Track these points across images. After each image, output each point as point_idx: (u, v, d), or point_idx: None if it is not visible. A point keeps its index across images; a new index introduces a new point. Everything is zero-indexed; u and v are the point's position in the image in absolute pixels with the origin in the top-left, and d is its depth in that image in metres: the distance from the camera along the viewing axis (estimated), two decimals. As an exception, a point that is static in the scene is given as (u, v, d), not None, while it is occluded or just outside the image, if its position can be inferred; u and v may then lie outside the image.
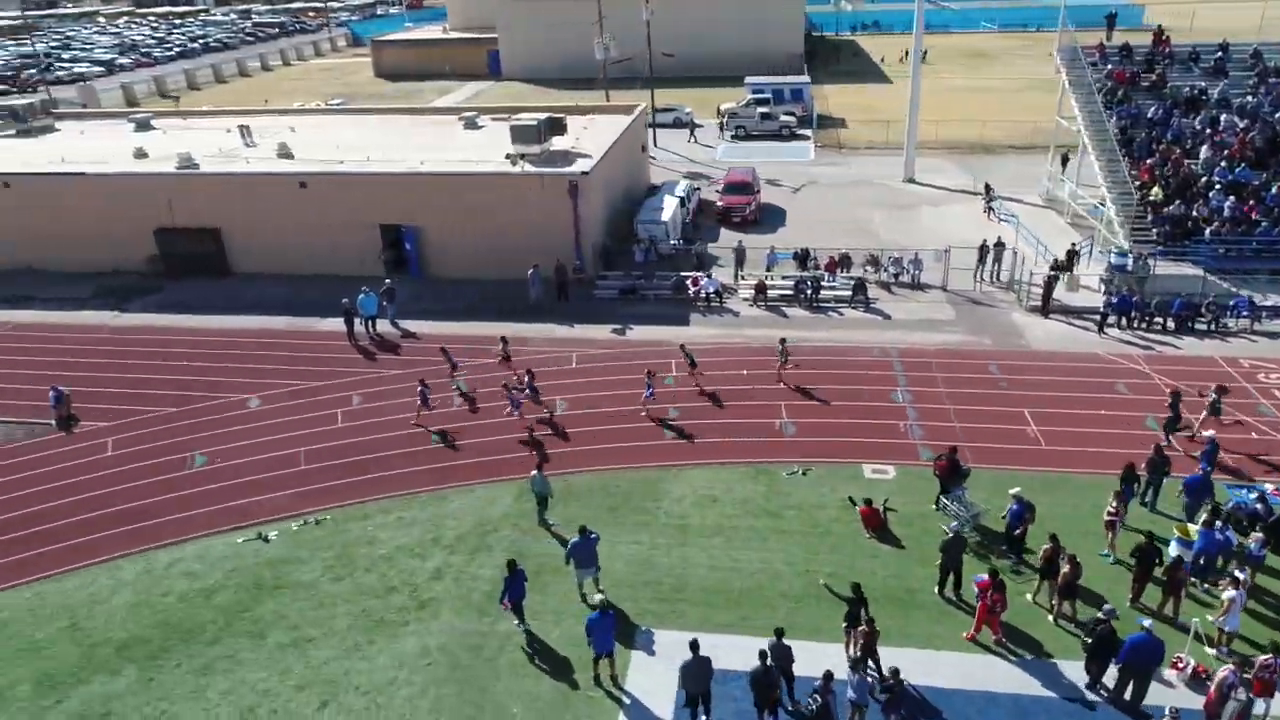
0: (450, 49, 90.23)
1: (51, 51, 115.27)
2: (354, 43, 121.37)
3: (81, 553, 20.41)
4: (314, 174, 36.27)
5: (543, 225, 34.62)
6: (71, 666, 17.06)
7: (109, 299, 35.78)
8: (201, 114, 52.97)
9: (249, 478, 23.14)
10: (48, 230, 38.23)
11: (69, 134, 48.68)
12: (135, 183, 37.36)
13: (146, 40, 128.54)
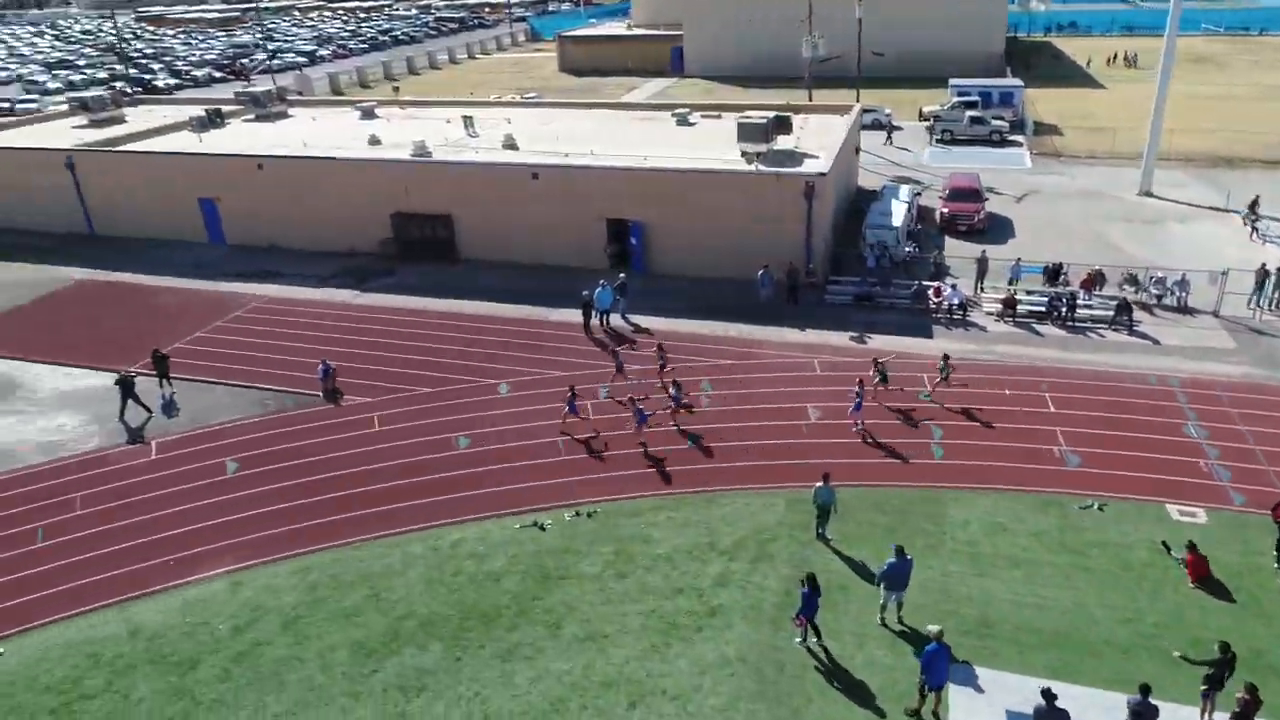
0: (634, 45, 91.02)
1: (259, 43, 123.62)
2: (532, 38, 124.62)
3: (371, 525, 21.15)
4: (545, 166, 36.82)
5: (774, 225, 33.91)
6: (381, 636, 17.57)
7: (348, 278, 37.53)
8: (419, 104, 55.11)
9: (513, 463, 23.47)
10: (292, 210, 40.51)
11: (302, 120, 51.66)
12: (375, 168, 39.04)
13: (340, 33, 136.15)
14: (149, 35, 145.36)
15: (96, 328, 33.39)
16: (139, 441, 25.33)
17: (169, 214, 42.62)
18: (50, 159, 43.62)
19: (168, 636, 17.80)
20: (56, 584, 19.54)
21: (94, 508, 22.24)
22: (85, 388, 28.80)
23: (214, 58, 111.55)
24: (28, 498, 22.71)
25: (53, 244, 43.77)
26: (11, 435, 25.90)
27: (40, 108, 79.02)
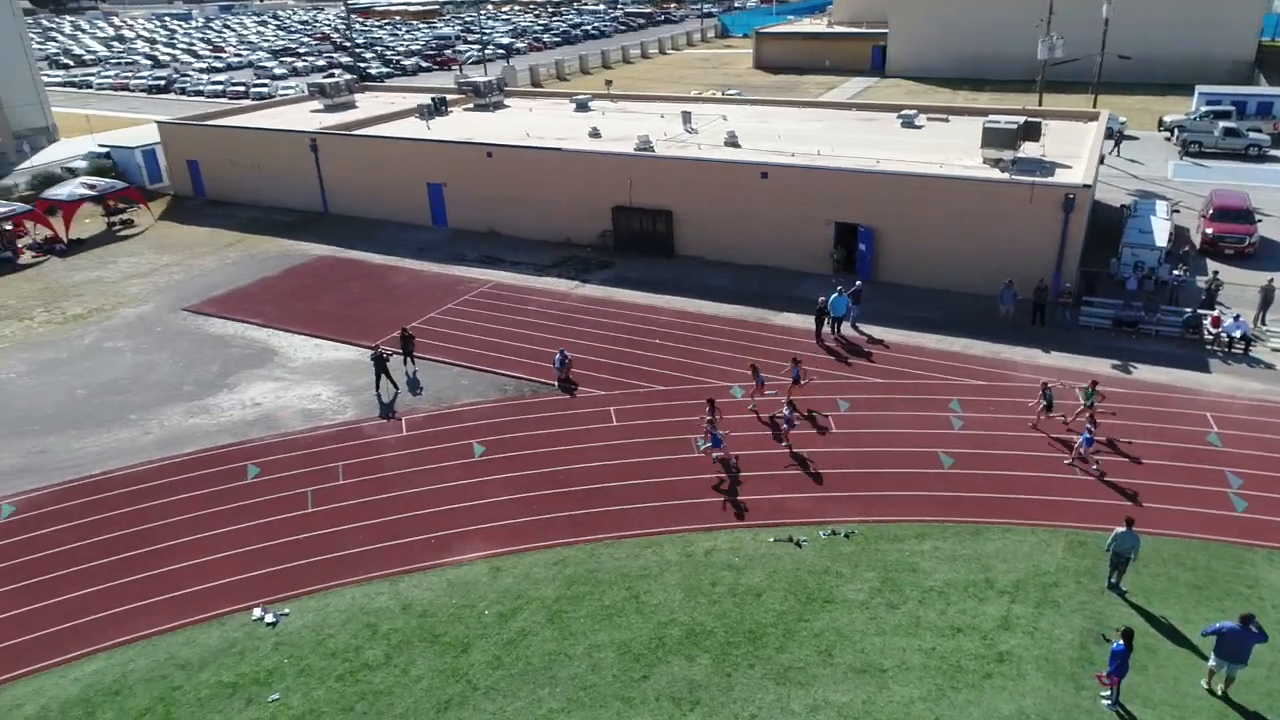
0: (832, 43, 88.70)
1: (460, 35, 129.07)
2: (721, 34, 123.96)
3: (620, 522, 20.94)
4: (775, 165, 35.87)
5: (1022, 238, 31.60)
6: (646, 641, 17.20)
7: (566, 268, 37.99)
8: (632, 98, 55.45)
9: (756, 472, 22.73)
10: (515, 198, 41.45)
11: (518, 110, 53.00)
12: (600, 161, 39.29)
13: (533, 27, 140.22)
14: (359, 26, 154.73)
15: (338, 302, 35.19)
16: (390, 417, 26.30)
17: (398, 196, 44.61)
18: (297, 140, 46.61)
19: (437, 615, 18.11)
20: (329, 550, 20.37)
21: (356, 478, 23.16)
22: (334, 359, 30.31)
23: (419, 48, 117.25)
24: (294, 463, 23.93)
25: (292, 220, 46.79)
26: (275, 401, 27.51)
27: (271, 92, 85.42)
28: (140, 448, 25.12)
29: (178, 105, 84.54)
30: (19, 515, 22.12)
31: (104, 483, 23.41)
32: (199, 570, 19.86)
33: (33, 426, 26.58)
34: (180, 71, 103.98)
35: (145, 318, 34.63)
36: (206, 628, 18.11)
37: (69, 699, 16.42)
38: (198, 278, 38.99)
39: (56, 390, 28.81)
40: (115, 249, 43.70)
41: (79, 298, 37.14)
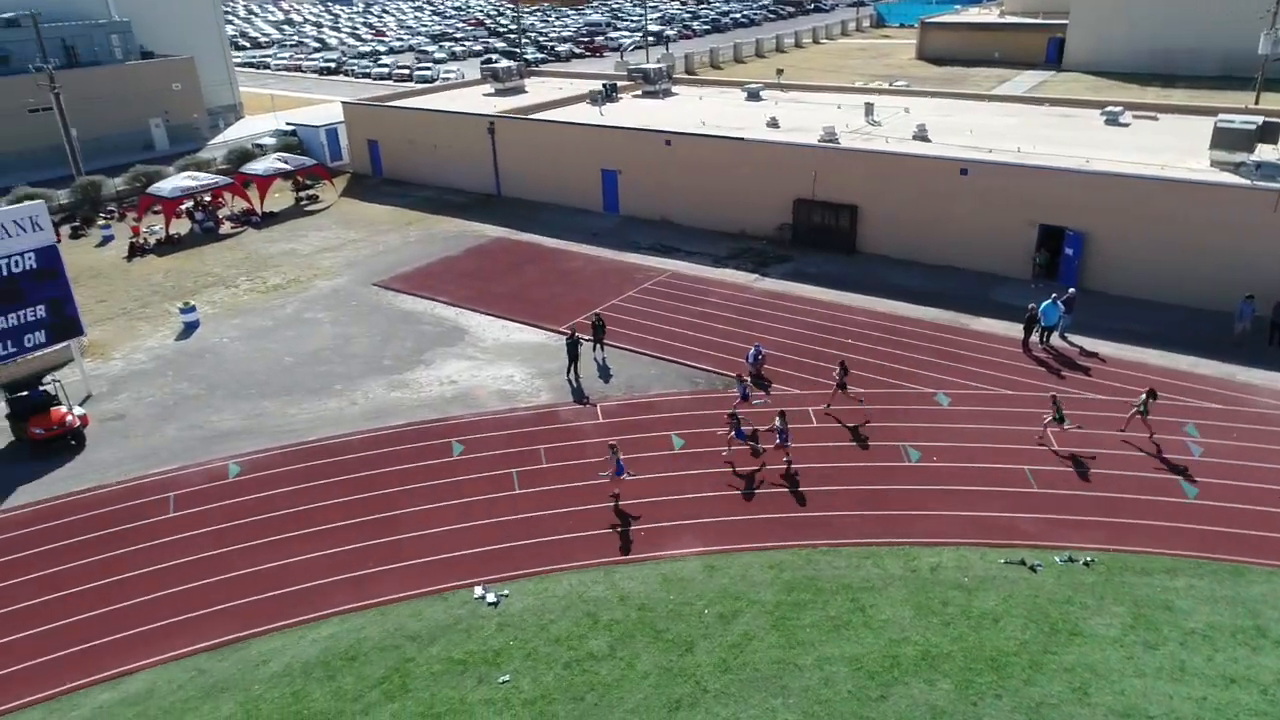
0: (1004, 34, 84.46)
1: (609, 22, 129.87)
2: (878, 23, 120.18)
3: (835, 528, 20.19)
4: (975, 161, 34.07)
5: (1260, 249, 28.87)
6: (879, 659, 16.40)
7: (744, 260, 37.28)
8: (804, 88, 54.17)
9: (976, 486, 21.50)
10: (691, 188, 41.00)
11: (686, 98, 52.53)
12: (783, 152, 38.33)
13: (681, 14, 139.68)
14: (510, 13, 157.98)
15: (518, 284, 35.64)
16: (584, 402, 26.33)
17: (571, 181, 44.93)
18: (476, 123, 47.60)
19: (656, 610, 17.85)
20: (541, 533, 20.44)
21: (558, 462, 23.24)
22: (522, 341, 30.65)
23: (571, 35, 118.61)
24: (496, 442, 24.20)
25: (466, 201, 47.90)
26: (471, 379, 28.00)
27: (433, 75, 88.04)
28: (349, 418, 26.00)
29: (346, 86, 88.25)
30: (246, 475, 23.22)
31: (320, 449, 24.32)
32: (420, 543, 20.29)
33: (249, 390, 27.96)
34: (348, 55, 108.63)
35: (339, 291, 36.03)
36: (431, 601, 18.44)
37: (309, 660, 16.98)
38: (383, 254, 40.34)
39: (266, 357, 30.23)
40: (304, 223, 45.77)
41: (277, 268, 39.02)
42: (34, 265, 25.93)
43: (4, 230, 25.19)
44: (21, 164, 55.69)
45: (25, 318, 26.03)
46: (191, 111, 65.85)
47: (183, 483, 22.91)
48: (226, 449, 24.49)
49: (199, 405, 27.08)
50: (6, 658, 17.39)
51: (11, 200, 45.29)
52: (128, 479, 23.24)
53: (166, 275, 38.63)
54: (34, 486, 23.15)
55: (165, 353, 30.94)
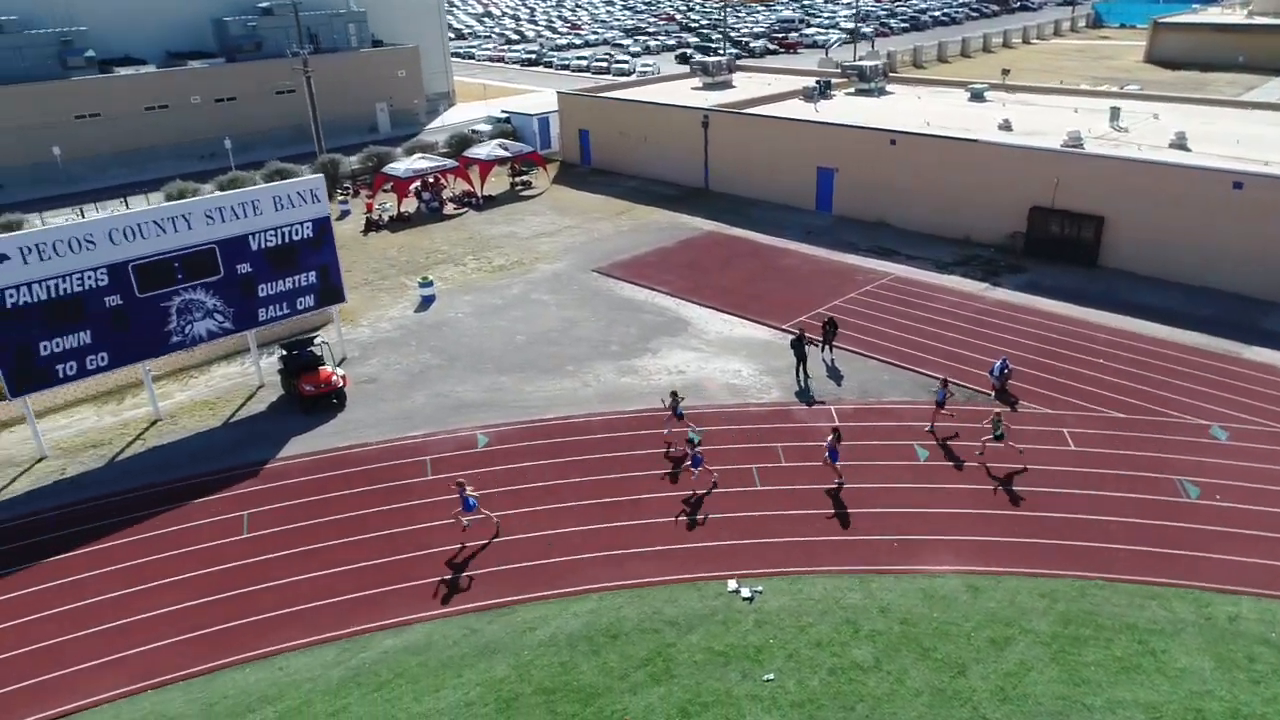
0: (1251, 36, 76.97)
1: (803, 19, 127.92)
2: (1095, 24, 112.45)
3: (1109, 562, 18.83)
4: (1253, 175, 31.01)
5: None
6: (1180, 710, 15.11)
7: (971, 268, 35.62)
8: (1032, 90, 51.29)
9: (1268, 533, 19.51)
10: (913, 189, 39.57)
11: (904, 97, 50.80)
12: (1021, 156, 36.29)
13: (877, 11, 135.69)
14: (698, 6, 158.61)
15: (735, 279, 35.49)
16: (815, 403, 25.85)
17: (784, 178, 44.38)
18: (690, 116, 47.85)
19: (920, 626, 17.20)
20: (789, 533, 20.17)
21: (795, 462, 22.89)
22: (745, 336, 30.47)
23: (763, 30, 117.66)
24: (732, 436, 24.12)
25: (675, 194, 48.27)
26: (698, 371, 28.08)
27: (630, 68, 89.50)
28: (583, 399, 26.65)
29: (547, 77, 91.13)
30: (493, 446, 24.20)
31: (559, 427, 25.03)
32: (666, 530, 20.48)
33: (486, 364, 29.18)
34: (546, 47, 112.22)
35: (560, 275, 37.09)
36: (685, 589, 18.54)
37: (574, 633, 17.43)
38: (597, 241, 41.23)
39: (499, 334, 31.48)
40: (520, 208, 47.49)
41: (499, 249, 40.64)
42: (310, 234, 28.03)
43: (290, 200, 27.35)
44: (266, 142, 60.68)
45: (299, 282, 28.19)
46: (412, 98, 69.83)
47: (435, 448, 24.15)
48: (471, 419, 25.62)
49: (442, 375, 28.51)
50: (302, 594, 18.82)
51: (266, 174, 49.48)
52: (386, 440, 24.73)
53: (400, 250, 41.02)
54: (305, 439, 25.04)
55: (407, 323, 32.81)
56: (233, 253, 26.46)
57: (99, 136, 56.07)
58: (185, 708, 16.10)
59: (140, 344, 25.37)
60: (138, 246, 24.58)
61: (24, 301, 23.04)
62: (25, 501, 22.67)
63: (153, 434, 25.73)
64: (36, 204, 47.82)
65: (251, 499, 22.18)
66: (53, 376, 24.08)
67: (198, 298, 26.12)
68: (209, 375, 29.34)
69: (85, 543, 20.72)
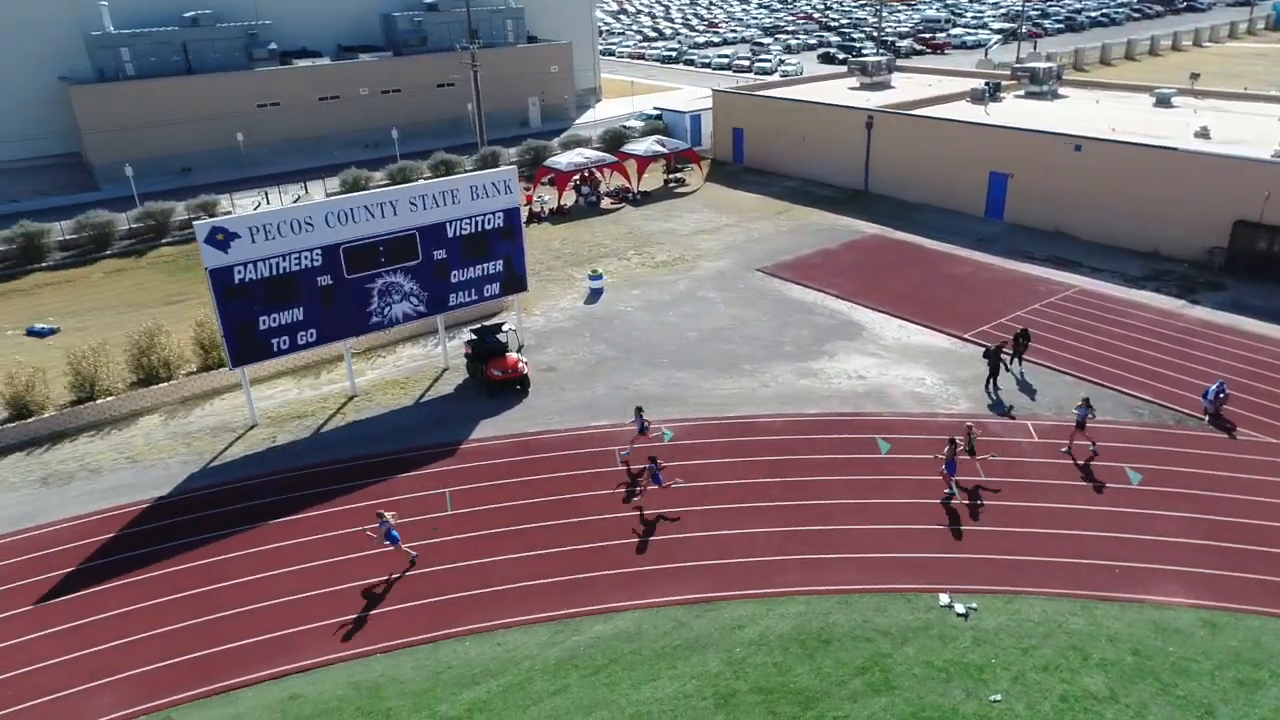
0: None
1: (949, 18, 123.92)
2: (1276, 25, 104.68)
3: None
4: None
5: None
6: None
7: (1163, 283, 33.65)
8: (1224, 96, 48.13)
9: None
10: (1096, 197, 37.68)
11: (1079, 101, 48.48)
12: (1224, 167, 34.01)
13: (1029, 10, 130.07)
14: (838, 6, 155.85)
15: (906, 285, 34.57)
16: (1010, 417, 24.92)
17: (952, 182, 43.03)
18: (853, 116, 46.98)
19: (1155, 660, 16.29)
20: (998, 551, 19.49)
21: (996, 477, 22.07)
22: (924, 344, 29.66)
23: (908, 30, 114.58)
24: (923, 446, 23.28)
25: (833, 195, 47.48)
26: (879, 377, 27.50)
27: (771, 67, 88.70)
28: (762, 399, 26.48)
29: (688, 75, 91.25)
30: (678, 441, 24.32)
31: (740, 426, 24.95)
32: (863, 537, 20.10)
33: (660, 359, 29.37)
34: (685, 45, 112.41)
35: (724, 273, 37.01)
36: (894, 599, 18.15)
37: (784, 634, 17.31)
38: (757, 241, 40.96)
39: (670, 330, 31.63)
40: (675, 204, 47.67)
41: (660, 245, 40.89)
42: (501, 224, 28.84)
43: (484, 190, 28.21)
44: (425, 133, 62.94)
45: (487, 270, 29.07)
46: (563, 93, 71.12)
47: (624, 439, 24.41)
48: (653, 414, 25.69)
49: (619, 368, 28.86)
50: (511, 574, 19.35)
51: (431, 165, 51.37)
52: (573, 428, 25.22)
53: (563, 243, 41.80)
54: (495, 422, 25.79)
55: (578, 314, 33.39)
56: (431, 239, 27.49)
57: (277, 124, 59.36)
58: (414, 673, 16.79)
59: (344, 323, 26.67)
60: (349, 230, 25.85)
61: (249, 279, 24.56)
62: (241, 466, 24.17)
63: (350, 409, 27.01)
64: (221, 186, 50.97)
65: (452, 477, 22.98)
66: (268, 349, 25.60)
67: (397, 281, 27.25)
68: (396, 356, 30.60)
69: (303, 508, 21.91)
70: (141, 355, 28.07)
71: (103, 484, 23.39)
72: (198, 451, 24.88)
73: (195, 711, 16.16)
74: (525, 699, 16.06)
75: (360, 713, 15.92)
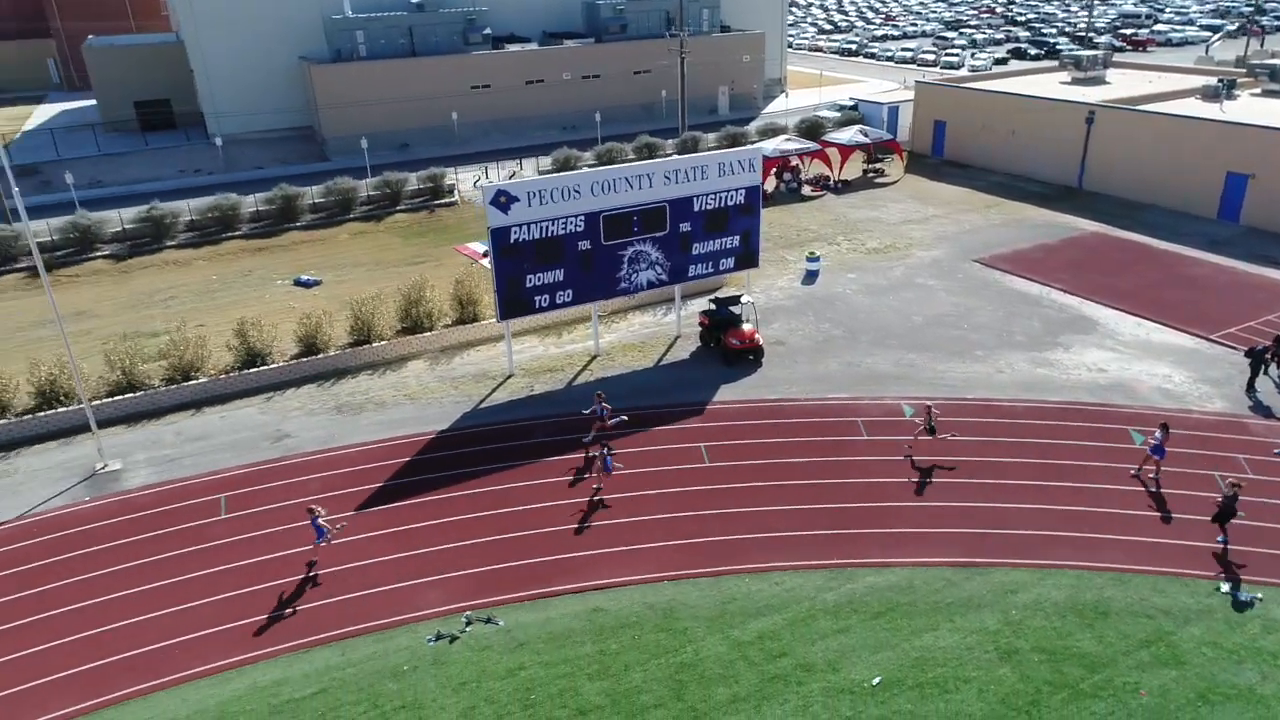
0: None
1: (1150, 14, 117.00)
2: None
3: None
4: None
5: None
6: None
7: None
8: None
9: None
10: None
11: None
12: None
13: (1239, 7, 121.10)
14: (1022, 2, 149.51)
15: (1138, 283, 33.62)
16: (1275, 418, 24.17)
17: (1181, 182, 41.27)
18: (1070, 111, 45.69)
19: None
20: (1265, 543, 19.19)
21: (1263, 475, 21.60)
22: (1166, 343, 28.94)
23: (1105, 26, 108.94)
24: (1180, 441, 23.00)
25: (1044, 191, 46.37)
26: (1121, 371, 27.13)
27: (960, 61, 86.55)
28: (1000, 384, 26.66)
29: (870, 68, 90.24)
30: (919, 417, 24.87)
31: (982, 408, 25.26)
32: (1139, 521, 20.19)
33: (889, 340, 29.91)
34: (864, 37, 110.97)
35: (940, 262, 37.04)
36: (1170, 582, 18.25)
37: (1058, 602, 17.75)
38: (969, 233, 40.64)
39: (892, 313, 32.10)
40: (877, 194, 47.75)
41: (868, 233, 41.23)
42: (741, 200, 30.07)
43: (730, 168, 29.49)
44: (621, 118, 65.24)
45: (725, 245, 30.39)
46: (752, 82, 72.02)
47: (863, 411, 25.24)
48: (888, 390, 26.47)
49: (847, 346, 29.62)
50: (776, 522, 20.60)
51: (635, 147, 53.41)
52: (811, 398, 26.22)
53: (770, 226, 42.53)
54: (734, 387, 27.13)
55: (797, 294, 34.33)
56: (679, 211, 29.02)
57: (486, 105, 63.01)
58: (701, 601, 18.27)
59: (596, 286, 28.60)
60: (609, 199, 27.68)
61: (523, 239, 26.78)
62: (507, 409, 26.46)
63: (596, 366, 28.97)
64: (434, 161, 54.48)
65: (704, 434, 24.45)
66: (531, 306, 27.83)
67: (645, 250, 28.95)
68: (628, 322, 32.42)
69: (574, 449, 23.88)
70: (410, 306, 30.99)
71: (389, 416, 26.17)
72: (466, 394, 27.39)
73: (513, 612, 18.19)
74: (811, 633, 17.22)
75: (659, 629, 17.51)
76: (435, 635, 17.54)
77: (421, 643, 17.41)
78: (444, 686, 16.27)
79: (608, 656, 16.84)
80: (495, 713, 15.67)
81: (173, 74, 66.37)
